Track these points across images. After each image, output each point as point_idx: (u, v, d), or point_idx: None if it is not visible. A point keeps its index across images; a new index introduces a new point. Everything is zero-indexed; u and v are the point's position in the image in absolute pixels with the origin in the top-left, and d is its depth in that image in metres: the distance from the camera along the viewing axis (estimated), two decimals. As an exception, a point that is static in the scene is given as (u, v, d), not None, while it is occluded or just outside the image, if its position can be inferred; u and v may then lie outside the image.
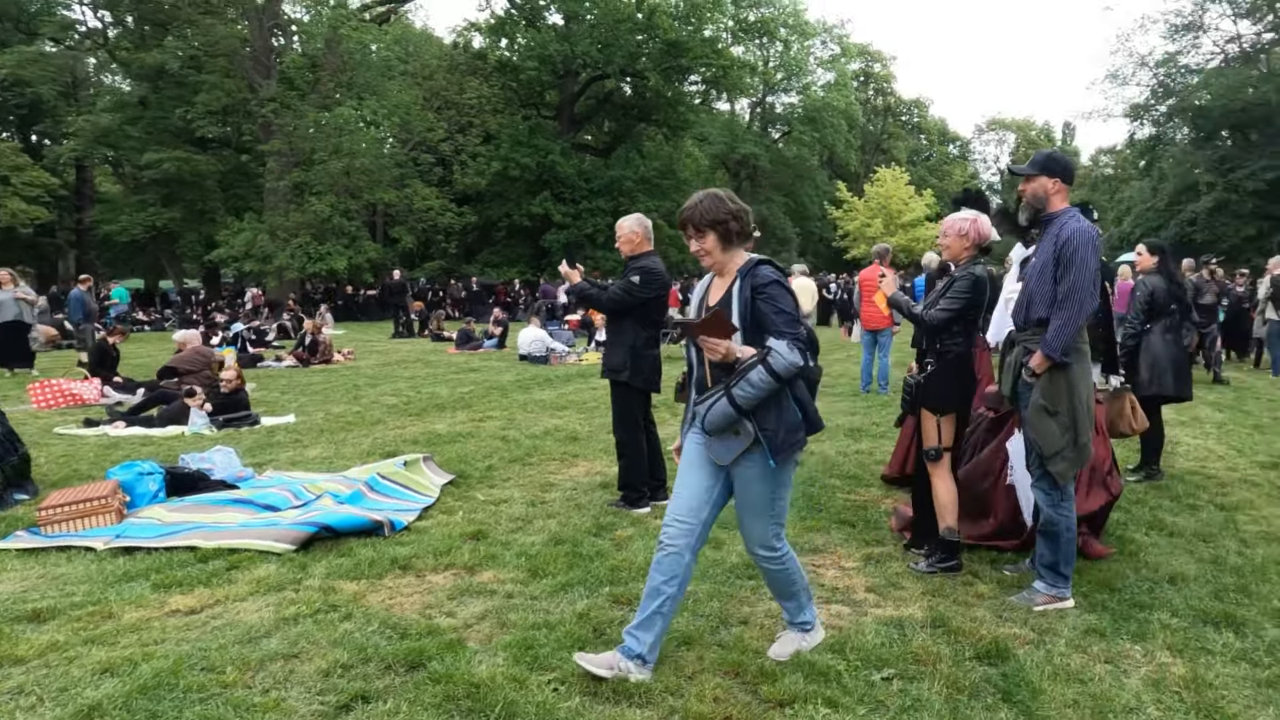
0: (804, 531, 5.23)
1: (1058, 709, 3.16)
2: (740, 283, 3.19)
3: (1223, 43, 37.88)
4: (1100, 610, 4.03)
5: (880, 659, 3.53)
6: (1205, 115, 35.94)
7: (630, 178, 37.26)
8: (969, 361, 4.48)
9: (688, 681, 3.31)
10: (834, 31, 49.90)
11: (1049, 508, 4.04)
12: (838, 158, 50.74)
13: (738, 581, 4.40)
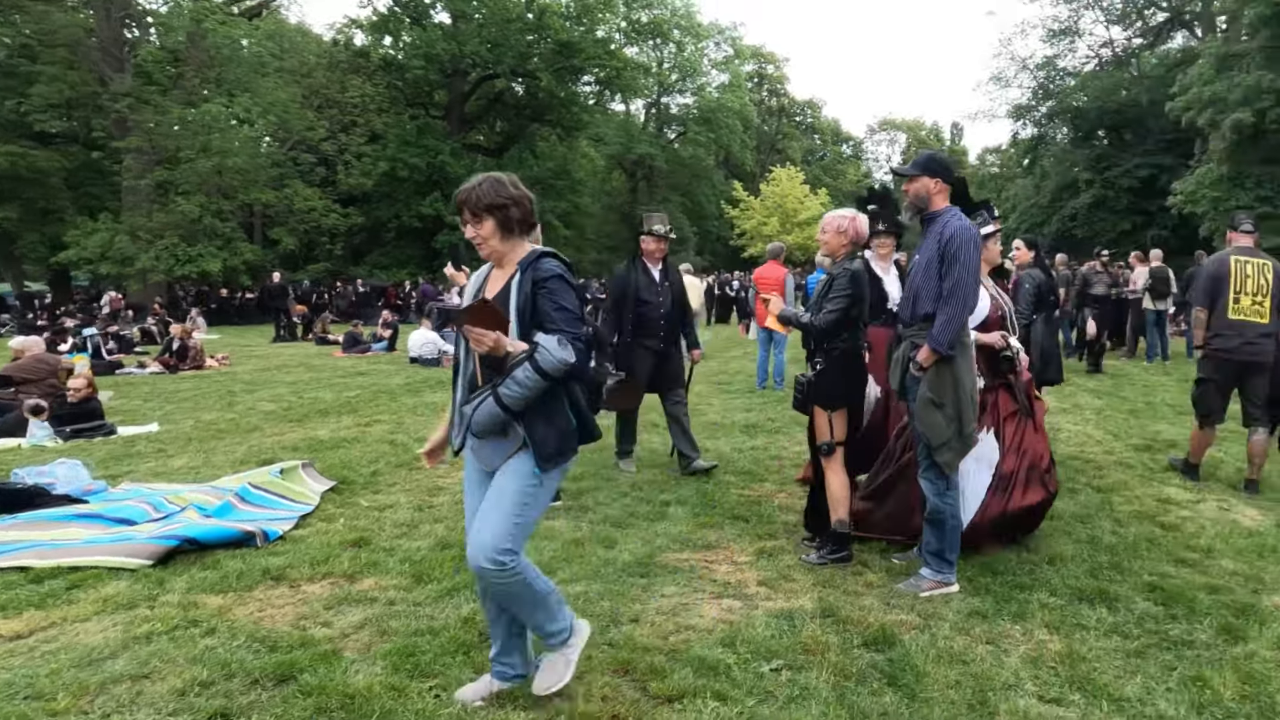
0: (697, 528, 5.27)
1: (940, 690, 3.26)
2: (520, 276, 2.95)
3: (1097, 47, 40.79)
4: (983, 593, 4.19)
5: (770, 650, 3.58)
6: (1083, 116, 38.49)
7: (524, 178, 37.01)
8: (856, 357, 4.64)
9: (575, 681, 3.26)
10: (727, 33, 51.14)
11: (935, 497, 4.19)
12: (733, 158, 52.10)
13: (629, 580, 4.39)
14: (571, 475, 6.62)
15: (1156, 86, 34.37)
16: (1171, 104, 28.79)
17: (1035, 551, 4.77)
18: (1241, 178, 25.89)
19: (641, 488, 6.27)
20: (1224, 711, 3.10)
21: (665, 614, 3.97)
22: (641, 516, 5.54)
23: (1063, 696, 3.22)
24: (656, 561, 4.68)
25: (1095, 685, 3.28)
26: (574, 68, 37.68)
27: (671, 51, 47.80)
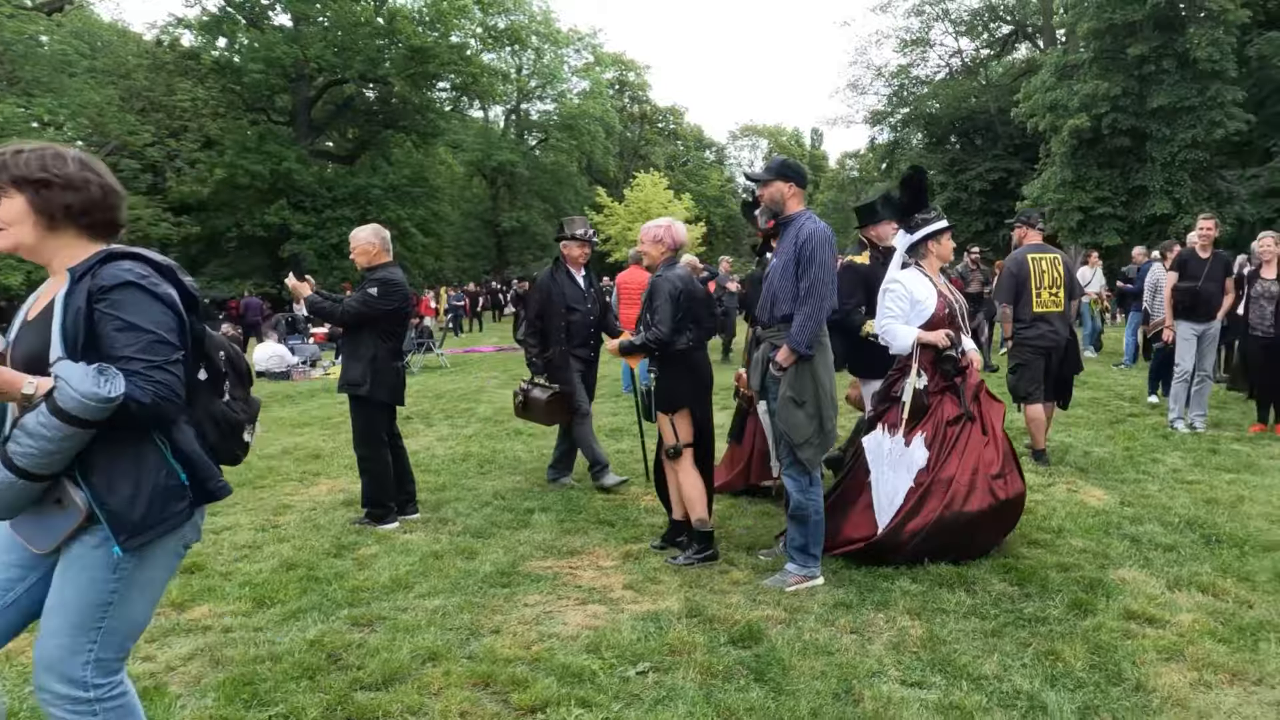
0: (561, 535, 5.25)
1: (806, 681, 3.33)
2: (71, 286, 2.11)
3: (947, 57, 43.70)
4: (848, 585, 4.33)
5: (636, 654, 3.58)
6: (936, 122, 41.10)
7: (378, 186, 36.07)
8: (695, 358, 4.78)
9: (432, 698, 3.17)
10: (586, 40, 51.74)
11: (798, 493, 4.31)
12: (596, 164, 52.68)
13: (491, 591, 4.32)
14: (431, 486, 6.46)
15: (1004, 94, 37.10)
16: (1016, 110, 31.12)
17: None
18: (1082, 180, 28.18)
19: (505, 496, 6.18)
20: (1075, 682, 3.29)
21: (528, 623, 3.92)
22: (504, 525, 5.45)
23: (924, 679, 3.35)
24: (519, 570, 4.61)
25: (955, 666, 3.43)
26: (428, 73, 36.92)
27: (530, 58, 48.03)
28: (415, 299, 24.62)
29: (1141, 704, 3.12)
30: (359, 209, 34.29)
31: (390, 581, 4.43)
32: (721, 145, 72.68)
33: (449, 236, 44.32)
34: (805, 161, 66.40)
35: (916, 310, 4.65)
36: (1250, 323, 7.90)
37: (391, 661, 3.47)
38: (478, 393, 12.22)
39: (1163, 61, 26.24)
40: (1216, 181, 26.44)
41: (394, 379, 5.49)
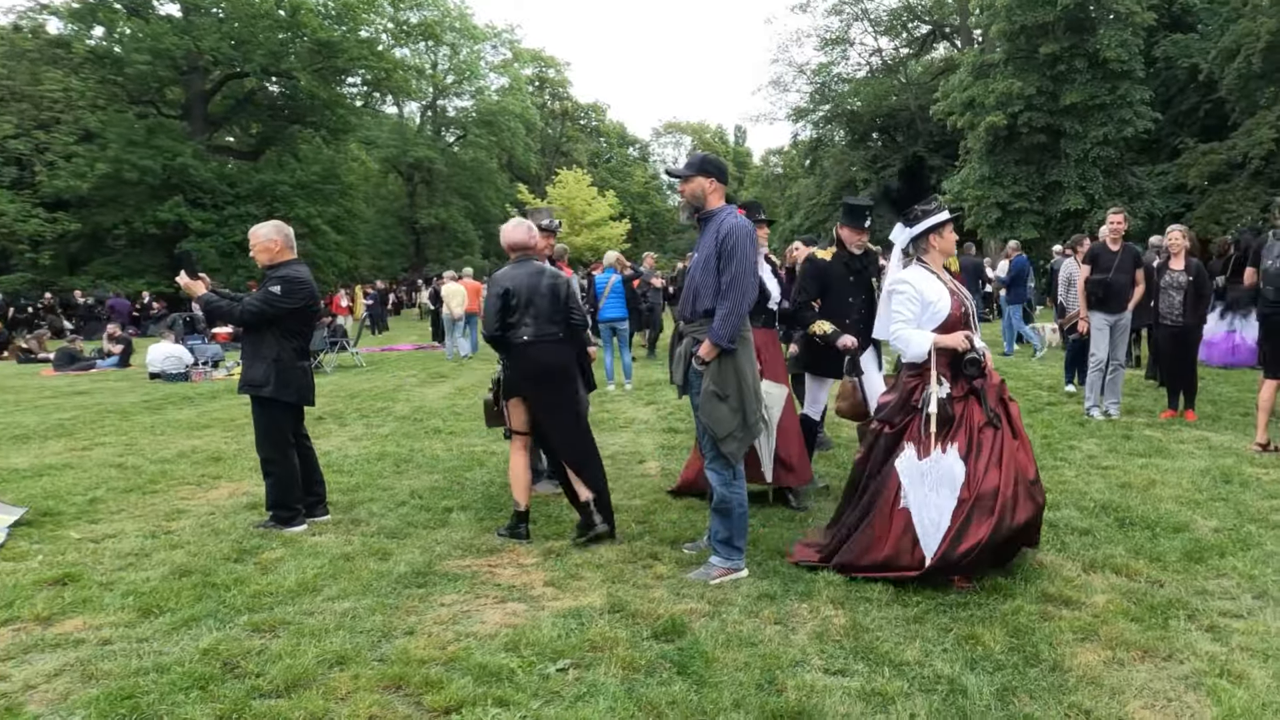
0: (481, 533, 5.18)
1: (729, 673, 3.34)
2: None
3: (868, 55, 44.88)
4: (772, 576, 4.37)
5: (556, 651, 3.55)
6: (858, 119, 42.11)
7: (286, 182, 35.09)
8: (533, 350, 4.99)
9: (339, 703, 3.08)
10: (504, 37, 51.88)
11: (721, 486, 4.35)
12: (517, 161, 52.67)
13: (405, 592, 4.23)
14: (343, 486, 6.33)
15: (923, 92, 38.19)
16: (936, 108, 32.04)
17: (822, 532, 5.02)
18: (1000, 176, 29.23)
19: (422, 495, 6.07)
20: (994, 664, 3.37)
21: (444, 623, 3.85)
22: (421, 525, 5.36)
23: (847, 667, 3.39)
24: (436, 570, 4.53)
25: (878, 653, 3.48)
26: (337, 68, 36.12)
27: (446, 54, 47.92)
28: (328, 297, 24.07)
29: (1058, 683, 3.22)
30: (265, 206, 33.34)
31: (296, 585, 4.30)
32: (645, 142, 73.12)
33: (364, 234, 43.64)
34: (729, 158, 67.20)
35: (929, 312, 4.29)
36: (1160, 312, 8.26)
37: (295, 667, 3.36)
38: (395, 391, 12.00)
39: (1074, 61, 27.34)
40: (1127, 177, 27.64)
41: (301, 379, 5.38)
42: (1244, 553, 4.52)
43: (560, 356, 5.06)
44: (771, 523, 5.29)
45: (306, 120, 38.05)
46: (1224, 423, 8.08)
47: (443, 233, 49.24)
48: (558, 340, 5.04)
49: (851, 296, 5.79)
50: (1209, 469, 6.27)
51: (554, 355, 5.03)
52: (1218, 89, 26.56)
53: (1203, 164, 25.97)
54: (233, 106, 37.95)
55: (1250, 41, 24.87)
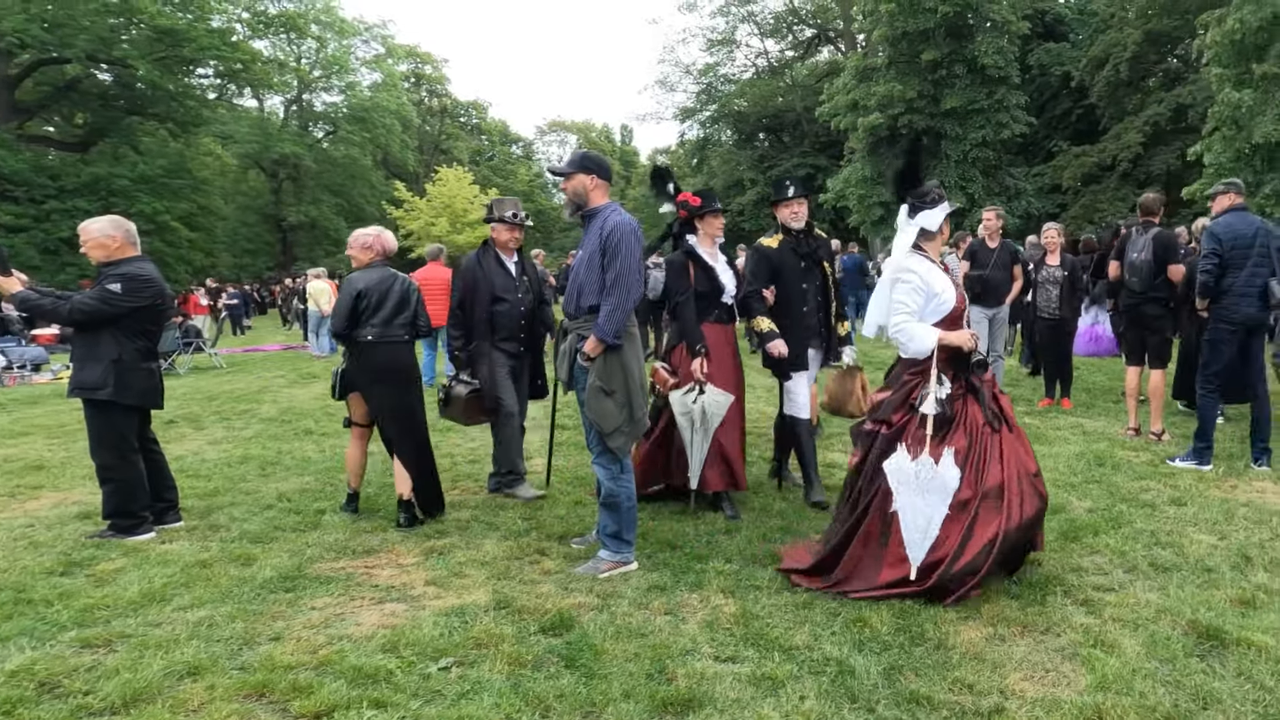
0: (356, 534, 5.05)
1: (619, 664, 3.35)
2: None
3: (753, 57, 45.86)
4: (662, 568, 4.40)
5: (439, 650, 3.49)
6: (744, 120, 43.08)
7: (125, 176, 33.26)
8: (377, 350, 5.26)
9: (190, 715, 2.94)
10: (375, 31, 51.22)
11: (609, 481, 4.38)
12: (393, 158, 52.02)
13: (270, 597, 4.08)
14: (199, 491, 6.06)
15: (809, 94, 39.33)
16: (820, 109, 33.12)
17: (712, 524, 5.09)
18: (882, 176, 30.31)
19: (291, 498, 5.87)
20: (881, 645, 3.48)
21: (315, 627, 3.73)
22: (289, 529, 5.17)
23: (738, 654, 3.44)
24: (306, 574, 4.39)
25: (768, 639, 3.55)
26: (183, 58, 34.48)
27: (312, 47, 47.20)
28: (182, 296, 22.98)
29: (942, 660, 3.35)
30: (99, 201, 31.43)
31: (140, 596, 4.08)
32: (529, 140, 72.93)
33: (222, 231, 42.03)
34: (615, 157, 67.59)
35: (934, 305, 4.09)
36: (1038, 306, 8.77)
37: (135, 682, 3.19)
38: (260, 393, 11.54)
39: (954, 67, 28.73)
40: (1005, 178, 29.19)
41: (145, 381, 5.18)
42: (1115, 531, 4.81)
43: (401, 358, 5.36)
44: (661, 516, 5.32)
45: (148, 112, 36.13)
46: (1097, 410, 8.61)
47: (313, 230, 48.00)
48: (400, 342, 5.33)
49: (805, 283, 5.52)
50: (1083, 453, 6.65)
51: (395, 356, 5.32)
52: (1089, 95, 28.50)
53: (1075, 166, 27.85)
54: (50, 94, 35.62)
55: (1118, 51, 26.79)
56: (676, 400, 5.14)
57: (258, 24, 40.96)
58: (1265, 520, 5.00)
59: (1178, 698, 3.01)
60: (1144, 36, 26.30)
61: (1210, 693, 3.04)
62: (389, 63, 51.60)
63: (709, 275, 5.38)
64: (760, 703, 3.06)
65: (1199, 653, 3.37)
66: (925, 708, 3.01)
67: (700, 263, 5.38)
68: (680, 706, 3.04)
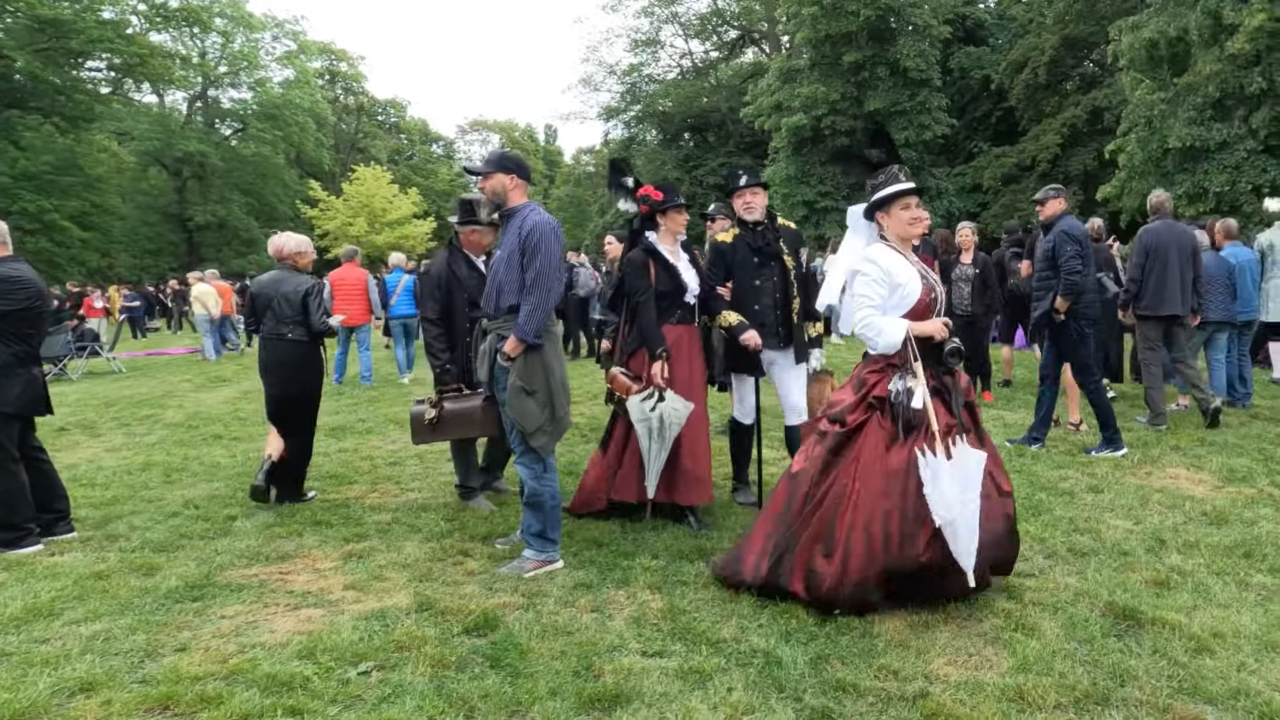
0: (270, 540, 4.94)
1: (545, 663, 3.35)
2: None
3: (678, 58, 46.24)
4: (588, 565, 4.41)
5: (358, 654, 3.44)
6: (669, 120, 43.53)
7: (4, 173, 32.06)
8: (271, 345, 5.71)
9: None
10: (286, 27, 50.56)
11: (532, 480, 4.38)
12: (308, 156, 51.26)
13: (176, 608, 3.97)
14: (95, 500, 5.89)
15: (733, 95, 39.90)
16: (745, 110, 33.63)
17: (639, 521, 5.10)
18: (806, 175, 31.03)
19: (199, 505, 5.71)
20: (808, 635, 3.54)
21: (224, 636, 3.64)
22: (197, 536, 5.04)
23: (665, 648, 3.47)
24: (215, 582, 4.28)
25: (695, 633, 3.58)
26: (71, 50, 33.34)
27: (217, 42, 46.65)
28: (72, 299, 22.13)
29: (868, 648, 3.42)
30: (-27, 199, 30.28)
31: (24, 612, 3.91)
32: (450, 140, 72.35)
33: (120, 231, 40.69)
34: (539, 157, 67.45)
35: (897, 296, 3.85)
36: (952, 303, 9.03)
37: (16, 702, 3.06)
38: (165, 398, 11.16)
39: (876, 69, 29.43)
40: (927, 179, 29.93)
41: (25, 387, 5.01)
42: (1036, 518, 4.97)
43: (284, 354, 5.72)
44: (586, 515, 5.31)
45: (29, 105, 34.85)
46: (1017, 402, 8.91)
47: (222, 230, 46.86)
48: (287, 339, 5.70)
49: (759, 279, 5.24)
50: (1003, 444, 6.85)
51: (281, 352, 5.72)
52: (1008, 98, 29.47)
53: (995, 166, 28.82)
54: (-91, 85, 34.21)
55: (1036, 55, 27.79)
56: (634, 407, 4.89)
57: (156, 17, 40.17)
58: (1178, 505, 5.23)
59: (1096, 676, 3.13)
60: (1061, 41, 27.30)
61: (1127, 670, 3.17)
62: (302, 59, 51.13)
63: (670, 274, 5.12)
64: (688, 696, 3.08)
65: (1116, 633, 3.51)
66: (852, 695, 3.07)
67: (661, 261, 5.12)
68: (608, 702, 3.04)
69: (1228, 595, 3.85)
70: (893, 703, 3.01)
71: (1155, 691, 3.03)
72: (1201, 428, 7.30)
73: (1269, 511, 5.06)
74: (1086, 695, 3.00)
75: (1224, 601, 3.78)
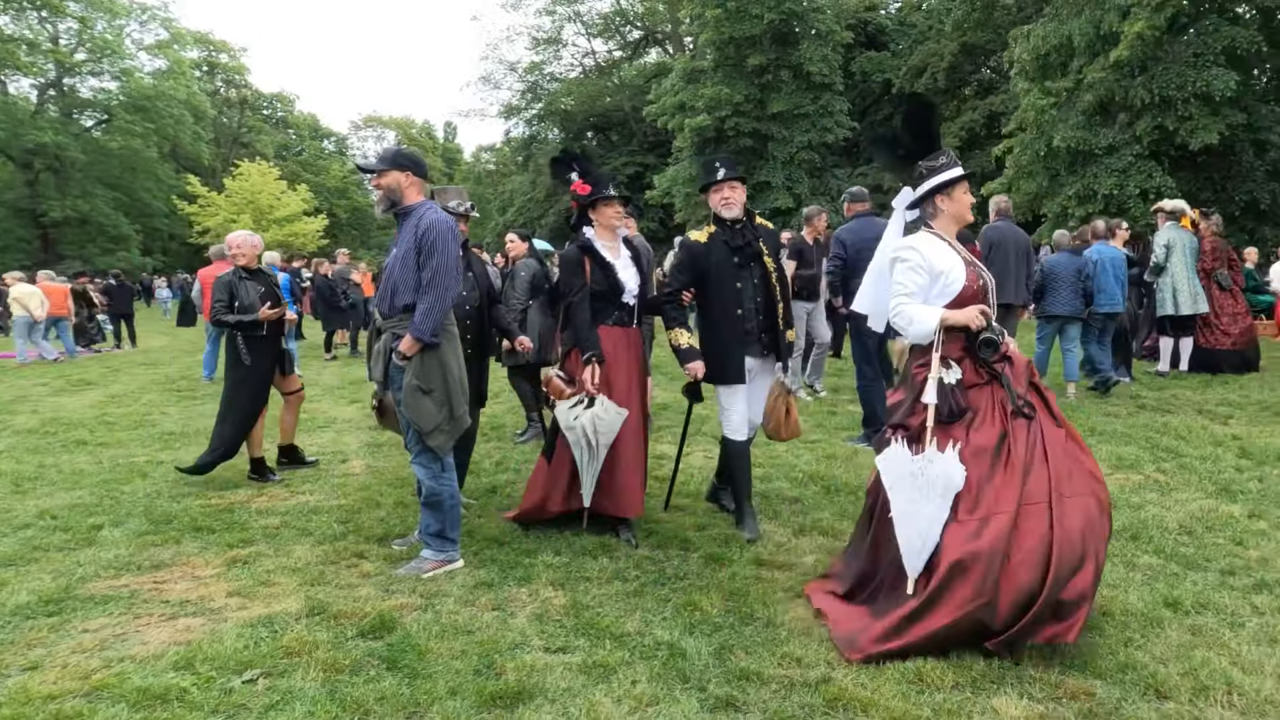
0: (142, 549, 4.74)
1: (444, 663, 3.31)
2: None
3: (580, 57, 46.38)
4: (490, 564, 4.39)
5: (243, 662, 3.35)
6: (571, 118, 43.71)
7: None
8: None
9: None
10: (154, 14, 49.11)
11: (430, 480, 4.35)
12: (185, 150, 49.86)
13: (26, 624, 3.77)
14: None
15: (637, 94, 40.31)
16: (648, 109, 33.99)
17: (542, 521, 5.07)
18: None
19: (58, 515, 5.40)
20: (712, 626, 3.60)
21: (86, 651, 3.48)
22: (54, 548, 4.77)
23: (568, 644, 3.47)
24: (76, 595, 4.08)
25: (599, 628, 3.59)
26: None
27: (73, 27, 45.18)
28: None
29: (771, 637, 3.49)
30: None
31: None
32: (343, 135, 71.03)
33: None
34: (438, 154, 66.71)
35: (940, 285, 3.70)
36: (857, 299, 9.38)
37: None
38: (15, 403, 10.45)
39: (780, 72, 30.21)
40: (830, 179, 30.74)
41: None
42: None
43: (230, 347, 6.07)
44: (487, 513, 5.30)
45: None
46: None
47: (84, 227, 44.78)
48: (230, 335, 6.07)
49: (740, 281, 4.85)
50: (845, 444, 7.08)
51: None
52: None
53: (895, 168, 29.87)
54: None
55: (935, 61, 28.91)
56: (561, 413, 4.73)
57: (-1, -1, 38.34)
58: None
59: (992, 656, 3.24)
60: (960, 48, 28.44)
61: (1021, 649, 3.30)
62: (175, 49, 49.60)
63: (606, 272, 4.90)
64: (592, 690, 3.09)
65: (1010, 615, 3.65)
66: (755, 683, 3.12)
67: (597, 258, 4.93)
68: (510, 700, 3.03)
69: (1116, 576, 4.05)
70: (796, 689, 3.08)
71: (1048, 669, 3.17)
72: (1092, 418, 7.67)
73: (1155, 496, 5.35)
74: (983, 675, 3.13)
75: (1112, 582, 3.97)
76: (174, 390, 11.29)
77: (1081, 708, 2.93)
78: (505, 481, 6.07)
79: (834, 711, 2.94)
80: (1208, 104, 18.02)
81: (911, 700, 2.98)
